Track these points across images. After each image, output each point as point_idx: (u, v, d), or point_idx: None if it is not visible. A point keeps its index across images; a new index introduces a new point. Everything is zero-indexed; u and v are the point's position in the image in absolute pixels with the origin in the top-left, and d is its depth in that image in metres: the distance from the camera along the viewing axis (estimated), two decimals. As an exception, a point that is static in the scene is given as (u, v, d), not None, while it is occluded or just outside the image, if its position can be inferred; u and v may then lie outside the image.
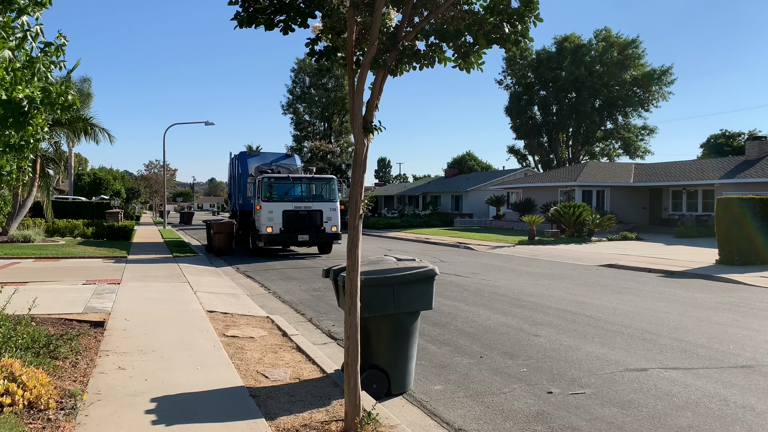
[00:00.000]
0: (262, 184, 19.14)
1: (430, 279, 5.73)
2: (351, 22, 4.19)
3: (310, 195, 19.92)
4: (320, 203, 19.43)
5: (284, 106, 62.18)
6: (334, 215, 19.37)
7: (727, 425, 4.85)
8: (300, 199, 19.52)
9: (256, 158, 23.39)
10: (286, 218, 18.74)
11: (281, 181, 19.73)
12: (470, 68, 4.63)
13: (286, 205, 18.96)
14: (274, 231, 18.62)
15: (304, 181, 20.06)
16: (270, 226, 18.58)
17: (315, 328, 8.69)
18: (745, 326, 8.66)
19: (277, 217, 18.67)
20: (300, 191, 19.89)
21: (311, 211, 19.14)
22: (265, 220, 18.65)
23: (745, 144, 35.65)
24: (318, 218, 19.15)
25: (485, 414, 5.15)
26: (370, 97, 4.34)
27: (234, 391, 5.29)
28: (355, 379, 4.32)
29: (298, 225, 18.85)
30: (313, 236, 19.06)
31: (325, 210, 19.30)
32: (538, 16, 4.36)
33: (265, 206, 18.79)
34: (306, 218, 19.00)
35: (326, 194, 19.92)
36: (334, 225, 19.32)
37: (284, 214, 18.75)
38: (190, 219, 55.62)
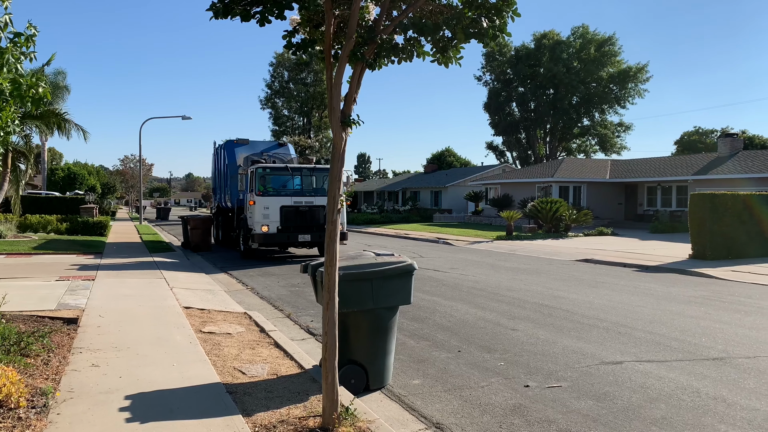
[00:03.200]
0: (255, 176, 16.74)
1: (409, 274, 5.72)
2: (329, 14, 4.15)
3: (311, 188, 17.51)
4: (323, 198, 16.45)
5: (262, 100, 61.80)
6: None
7: (699, 416, 4.94)
8: (299, 193, 17.20)
9: (245, 147, 20.73)
10: (284, 215, 16.53)
11: (278, 172, 17.48)
12: (449, 63, 4.63)
13: (284, 200, 16.68)
14: (270, 230, 16.36)
15: (305, 173, 17.62)
16: (265, 224, 16.33)
17: (293, 323, 8.64)
18: (717, 319, 8.83)
19: (274, 213, 16.42)
20: (299, 184, 17.59)
21: (313, 206, 16.83)
22: (260, 218, 16.41)
23: (718, 141, 36.35)
24: (320, 215, 16.79)
25: (463, 408, 5.17)
26: (348, 90, 4.32)
27: (211, 387, 5.24)
28: (332, 374, 4.30)
29: (298, 223, 16.67)
30: (316, 236, 16.53)
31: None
32: (515, 11, 4.37)
33: (259, 201, 16.51)
34: (307, 215, 16.76)
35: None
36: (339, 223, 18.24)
37: (282, 210, 16.51)
38: (167, 215, 55.00)
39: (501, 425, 4.78)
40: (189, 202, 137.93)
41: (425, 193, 51.41)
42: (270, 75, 60.85)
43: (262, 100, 61.88)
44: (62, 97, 32.82)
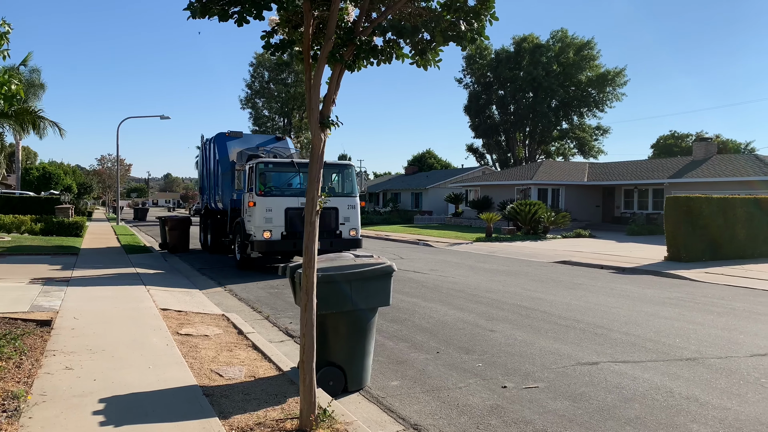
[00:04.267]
0: (255, 173, 14.35)
1: (388, 275, 5.73)
2: (308, 15, 4.15)
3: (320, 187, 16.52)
4: (335, 198, 14.44)
5: (242, 100, 61.41)
6: (353, 215, 14.73)
7: (672, 416, 5.02)
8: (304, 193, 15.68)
9: (239, 141, 18.41)
10: (290, 219, 14.10)
11: (282, 168, 15.33)
12: (427, 65, 4.65)
13: (289, 200, 14.24)
14: (273, 236, 13.91)
15: None
16: (268, 229, 13.93)
17: (272, 325, 8.60)
18: (691, 320, 8.98)
19: (278, 217, 14.01)
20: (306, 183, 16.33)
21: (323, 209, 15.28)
22: (261, 222, 14.01)
23: (693, 145, 37.02)
24: (332, 219, 14.42)
25: (441, 409, 5.19)
26: (327, 92, 4.32)
27: (187, 390, 5.19)
28: (310, 376, 4.29)
29: None
30: (326, 243, 13.96)
31: (342, 207, 14.55)
32: (494, 14, 4.41)
33: (260, 203, 14.08)
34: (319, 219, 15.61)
35: (342, 186, 15.19)
36: (353, 228, 14.69)
37: (287, 213, 14.11)
38: (145, 215, 54.31)
39: (478, 426, 4.81)
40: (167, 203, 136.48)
41: (406, 194, 51.51)
42: (250, 75, 60.50)
43: (242, 100, 61.52)
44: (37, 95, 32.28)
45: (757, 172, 27.85)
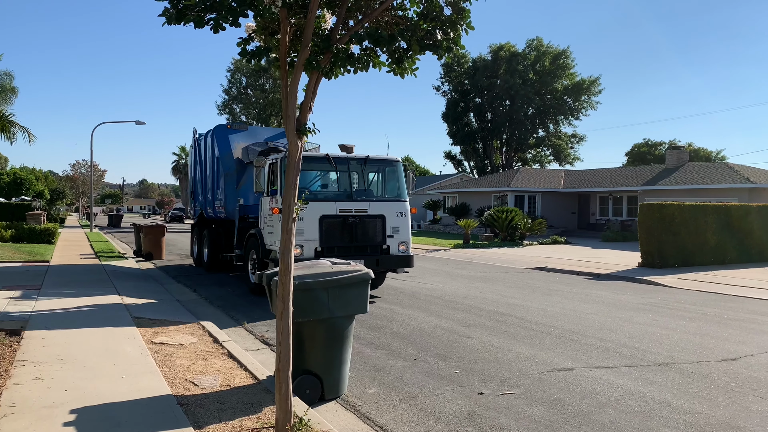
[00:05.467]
0: (280, 171, 11.19)
1: (365, 283, 5.73)
2: (284, 22, 4.14)
3: (363, 190, 11.93)
4: (380, 204, 11.52)
5: (219, 106, 60.87)
6: (403, 225, 11.61)
7: (645, 420, 5.09)
8: (346, 196, 11.42)
9: (243, 135, 15.21)
10: (327, 230, 10.88)
11: (314, 165, 12.17)
12: (404, 74, 4.67)
13: (325, 206, 10.98)
14: (304, 253, 10.64)
15: (354, 166, 11.67)
16: (298, 244, 10.47)
17: (248, 333, 8.52)
18: (663, 326, 9.13)
19: (311, 228, 10.76)
20: (347, 183, 11.62)
21: (366, 217, 11.26)
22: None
23: (666, 153, 37.73)
24: (378, 230, 11.32)
25: (418, 416, 5.19)
26: (304, 99, 4.31)
27: (161, 399, 5.11)
28: (286, 384, 4.26)
29: (346, 242, 11.05)
30: (371, 261, 10.86)
31: (389, 215, 11.41)
32: (469, 24, 4.45)
33: None
34: (358, 230, 11.14)
35: (389, 188, 12.15)
36: (403, 241, 11.58)
37: (323, 222, 10.84)
38: (119, 222, 53.54)
39: (455, 433, 4.82)
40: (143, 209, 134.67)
41: (384, 201, 51.49)
42: (227, 80, 60.05)
43: (219, 106, 60.98)
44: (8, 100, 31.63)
45: (728, 180, 28.47)
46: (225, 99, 60.36)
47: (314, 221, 10.79)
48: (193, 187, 18.50)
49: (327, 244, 10.91)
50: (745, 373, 6.50)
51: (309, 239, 10.78)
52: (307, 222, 10.66)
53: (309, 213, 10.49)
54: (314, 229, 10.82)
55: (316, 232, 10.83)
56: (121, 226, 50.70)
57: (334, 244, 10.97)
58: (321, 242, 10.85)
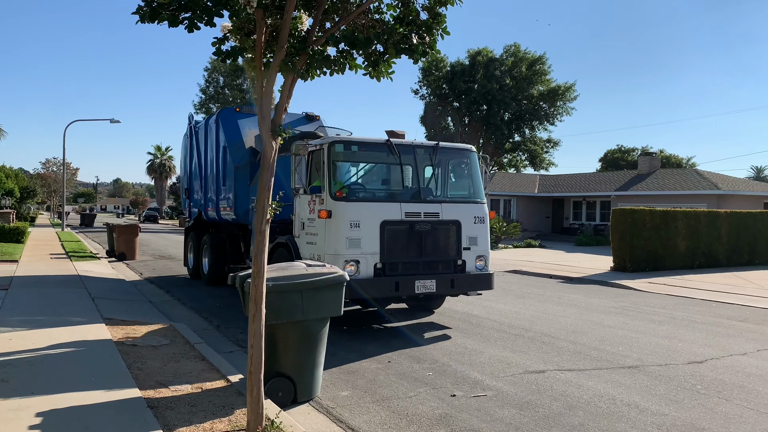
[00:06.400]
0: (329, 161, 8.48)
1: (340, 285, 5.72)
2: (260, 23, 4.13)
3: (430, 187, 9.22)
4: (455, 206, 8.99)
5: (196, 105, 60.22)
6: (482, 234, 9.13)
7: (614, 422, 5.17)
8: (411, 195, 8.86)
9: (255, 120, 11.00)
10: (390, 240, 8.34)
11: (370, 154, 9.44)
12: (380, 77, 4.69)
13: (388, 209, 8.45)
14: (361, 271, 8.13)
15: (421, 155, 9.04)
16: (352, 259, 8.11)
17: (221, 336, 8.44)
18: (633, 329, 9.28)
19: (370, 237, 8.23)
20: (413, 179, 9.07)
21: (438, 224, 8.70)
22: (341, 245, 8.11)
23: (638, 159, 38.43)
24: (451, 240, 8.78)
25: (390, 418, 5.20)
26: (279, 100, 4.30)
27: (131, 402, 5.04)
28: (258, 387, 4.24)
29: (413, 256, 8.48)
30: (444, 282, 8.58)
31: (466, 221, 8.90)
32: (445, 29, 4.50)
33: (341, 211, 8.19)
34: (428, 240, 8.57)
35: (461, 185, 9.76)
36: (481, 255, 9.08)
37: (385, 230, 8.31)
38: (92, 221, 52.61)
39: (427, 435, 4.84)
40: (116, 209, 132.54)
41: (361, 203, 51.42)
42: (205, 80, 59.53)
43: (195, 105, 60.30)
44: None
45: (698, 186, 29.10)
46: (202, 98, 59.79)
47: (374, 228, 8.19)
48: (188, 183, 15.41)
49: (389, 259, 8.26)
50: (711, 376, 6.65)
51: (367, 252, 8.13)
52: (365, 229, 8.15)
53: (367, 217, 8.20)
54: (374, 238, 8.19)
55: (376, 242, 8.19)
56: (94, 226, 49.83)
57: (398, 259, 8.35)
58: (382, 256, 8.21)
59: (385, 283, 8.17)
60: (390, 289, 8.19)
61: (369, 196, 8.94)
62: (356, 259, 8.08)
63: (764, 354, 7.76)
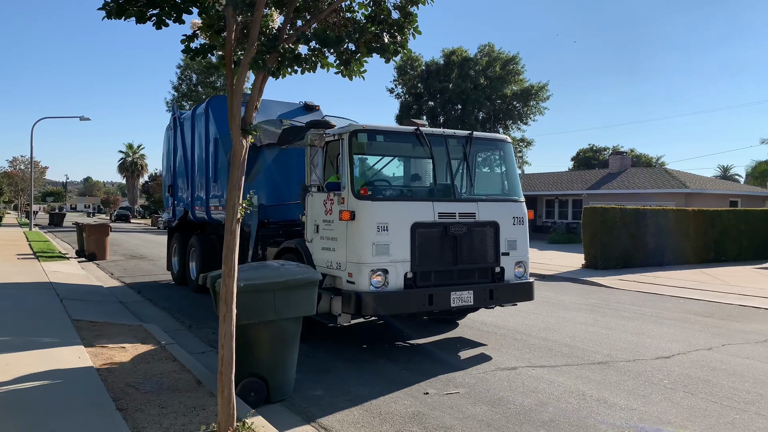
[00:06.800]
0: (349, 153, 7.33)
1: (314, 285, 5.70)
2: (230, 21, 4.09)
3: (463, 183, 8.08)
4: (492, 205, 7.91)
5: (168, 103, 59.44)
6: (521, 237, 8.04)
7: (583, 418, 5.25)
8: (442, 193, 7.83)
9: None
10: (422, 245, 7.23)
11: (395, 145, 8.18)
12: (352, 75, 4.70)
13: (419, 209, 7.33)
14: (390, 282, 7.03)
15: (453, 146, 7.95)
16: (380, 268, 6.98)
17: (194, 336, 8.36)
18: (604, 325, 9.44)
19: (399, 242, 7.11)
20: (446, 174, 7.96)
21: (475, 226, 7.62)
22: (367, 252, 6.97)
23: (609, 158, 39.04)
24: (489, 244, 7.70)
25: (363, 417, 5.20)
26: (250, 98, 4.27)
27: (99, 405, 4.96)
28: (229, 388, 4.21)
29: (448, 263, 7.39)
30: (482, 292, 7.51)
31: (504, 222, 7.84)
32: (417, 28, 4.52)
33: (367, 212, 7.03)
34: (464, 245, 7.47)
35: (496, 181, 8.77)
36: (520, 261, 7.99)
37: (416, 234, 7.19)
38: (61, 221, 51.54)
39: (399, 433, 4.86)
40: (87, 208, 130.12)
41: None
42: (177, 77, 58.80)
43: (168, 102, 59.55)
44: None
45: (666, 185, 29.68)
46: (174, 96, 59.01)
47: (404, 232, 7.04)
48: (171, 180, 14.18)
49: (422, 268, 7.12)
50: (678, 370, 6.79)
51: (397, 260, 6.98)
52: (393, 233, 6.99)
53: (396, 219, 7.05)
54: (404, 243, 7.03)
55: (406, 248, 7.04)
56: (63, 225, 48.83)
57: (431, 267, 7.20)
58: (413, 264, 7.06)
59: (417, 296, 7.03)
60: (423, 303, 7.04)
61: (397, 194, 7.89)
62: (384, 268, 6.94)
63: (729, 348, 7.96)
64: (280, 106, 12.10)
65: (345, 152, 7.28)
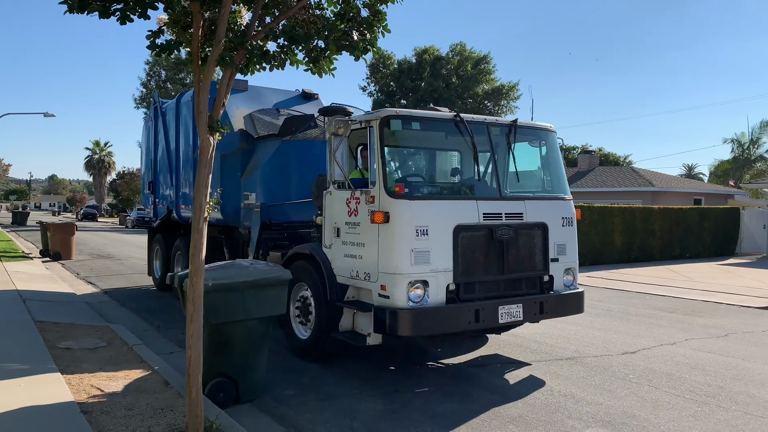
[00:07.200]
0: (380, 142, 6.15)
1: (284, 284, 5.67)
2: (197, 16, 4.04)
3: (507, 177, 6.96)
4: (539, 204, 6.91)
5: (137, 99, 58.41)
6: (570, 239, 7.33)
7: (551, 413, 5.33)
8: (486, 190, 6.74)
9: (243, 97, 10.22)
10: (466, 252, 6.13)
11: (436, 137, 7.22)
12: (321, 73, 4.68)
13: (462, 209, 6.26)
14: (431, 297, 5.92)
15: (496, 134, 6.86)
16: (418, 279, 5.86)
17: (162, 337, 8.22)
18: (571, 321, 9.52)
19: (440, 249, 5.99)
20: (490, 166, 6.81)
21: (522, 228, 6.59)
22: (404, 261, 5.84)
23: (578, 157, 39.65)
24: (537, 249, 6.72)
25: (334, 416, 5.19)
26: (218, 95, 4.22)
27: (63, 407, 4.85)
28: (197, 388, 4.16)
29: (494, 272, 6.33)
30: (531, 306, 6.49)
31: (553, 224, 6.93)
32: (386, 26, 4.52)
33: (404, 212, 5.90)
34: (511, 250, 6.42)
35: (542, 176, 7.64)
36: (569, 266, 7.28)
37: (459, 238, 6.07)
38: (25, 219, 50.16)
39: (370, 431, 4.86)
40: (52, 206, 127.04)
41: (309, 200, 51.07)
42: (146, 73, 57.81)
43: (136, 99, 58.50)
44: None
45: (634, 183, 30.27)
46: (143, 92, 58.00)
47: (445, 236, 6.00)
48: (152, 176, 12.81)
49: (466, 279, 6.08)
50: (643, 365, 6.94)
51: (438, 269, 5.93)
52: (434, 238, 5.95)
53: (437, 221, 6.00)
54: (445, 250, 5.98)
55: (448, 255, 5.99)
56: (27, 224, 47.56)
57: (476, 277, 6.18)
58: (456, 274, 6.00)
59: (461, 312, 5.97)
60: (468, 320, 5.96)
61: (437, 192, 7.00)
62: (423, 279, 5.87)
63: (692, 343, 8.17)
64: (275, 94, 10.92)
65: (375, 142, 6.14)
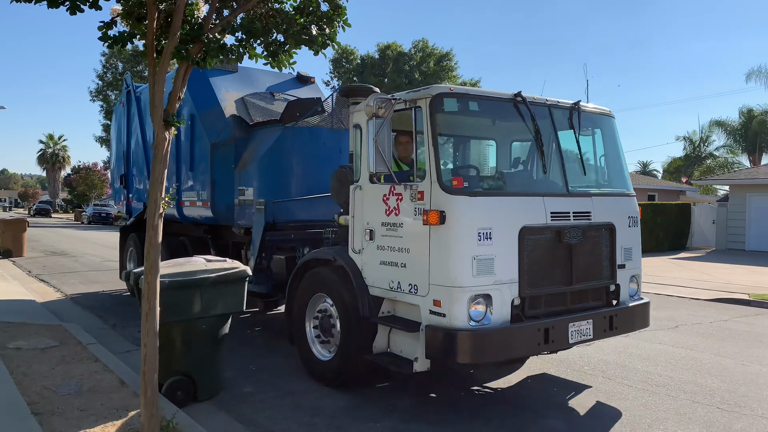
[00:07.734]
0: (433, 125, 5.00)
1: (242, 280, 5.61)
2: (152, 8, 3.94)
3: (575, 168, 5.82)
4: (605, 201, 5.74)
5: (92, 92, 56.79)
6: (635, 242, 5.94)
7: (507, 406, 5.44)
8: (551, 185, 5.55)
9: (233, 79, 9.31)
10: (532, 259, 5.04)
11: (494, 121, 6.05)
12: (281, 67, 4.63)
13: (527, 207, 5.13)
14: (495, 315, 4.82)
15: (558, 118, 5.66)
16: (483, 293, 4.77)
17: (118, 335, 8.04)
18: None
19: (505, 256, 4.89)
20: (549, 160, 5.56)
21: (589, 230, 5.43)
22: (468, 273, 4.72)
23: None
24: (605, 254, 5.57)
25: (294, 413, 5.17)
26: (173, 89, 4.13)
27: (12, 409, 4.70)
28: (152, 387, 4.08)
29: (560, 281, 5.23)
30: (601, 322, 5.37)
31: (620, 225, 5.71)
32: (346, 21, 4.51)
33: (466, 214, 4.78)
34: (579, 255, 5.30)
35: (604, 168, 6.34)
36: (634, 272, 5.88)
37: (525, 242, 4.98)
38: (-27, 216, 48.33)
39: (329, 426, 4.87)
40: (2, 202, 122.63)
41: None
42: (102, 65, 56.18)
43: (92, 92, 56.86)
44: None
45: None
46: (99, 85, 56.44)
47: (510, 240, 4.97)
48: (125, 168, 11.44)
49: (532, 291, 5.06)
50: (597, 357, 7.12)
51: (503, 281, 4.89)
52: (498, 242, 4.90)
53: (501, 222, 4.94)
54: (510, 257, 4.96)
55: (513, 263, 4.96)
56: (-26, 221, 45.81)
57: (542, 289, 5.16)
58: (522, 287, 4.96)
59: (529, 333, 4.94)
60: (537, 342, 4.95)
61: (499, 187, 5.79)
62: (487, 293, 4.81)
63: (643, 335, 8.38)
64: (268, 77, 9.89)
65: (426, 125, 5.05)
